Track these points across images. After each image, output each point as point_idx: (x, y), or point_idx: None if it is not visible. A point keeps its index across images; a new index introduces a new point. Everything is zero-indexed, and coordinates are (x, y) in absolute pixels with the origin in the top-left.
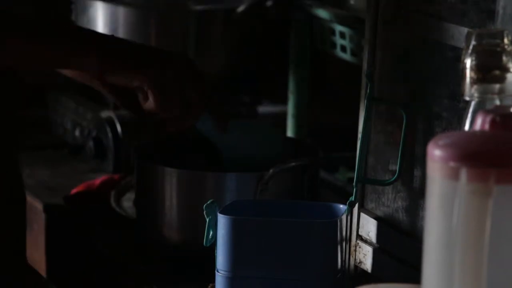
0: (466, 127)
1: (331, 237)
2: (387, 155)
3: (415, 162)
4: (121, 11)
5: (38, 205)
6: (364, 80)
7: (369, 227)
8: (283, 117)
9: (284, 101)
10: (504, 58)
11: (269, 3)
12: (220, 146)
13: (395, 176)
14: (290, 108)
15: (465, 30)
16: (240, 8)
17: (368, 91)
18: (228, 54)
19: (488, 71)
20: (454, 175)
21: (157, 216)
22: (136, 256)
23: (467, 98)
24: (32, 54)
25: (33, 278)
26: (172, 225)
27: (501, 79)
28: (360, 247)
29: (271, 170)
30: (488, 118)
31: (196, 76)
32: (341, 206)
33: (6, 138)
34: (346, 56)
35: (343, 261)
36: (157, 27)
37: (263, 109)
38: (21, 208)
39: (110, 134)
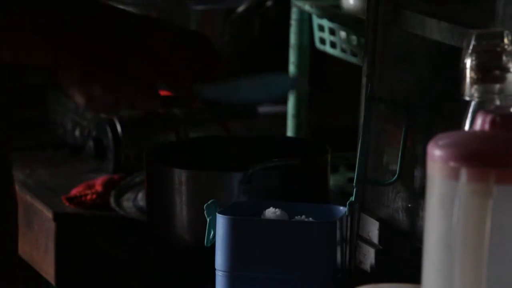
0: (466, 127)
1: (331, 237)
2: (387, 155)
3: (415, 162)
4: None
5: (38, 205)
6: (364, 80)
7: (369, 227)
8: (283, 117)
9: (284, 101)
10: (504, 58)
11: (269, 3)
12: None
13: (395, 176)
14: (290, 108)
15: (465, 30)
16: (240, 8)
17: (368, 91)
18: (228, 54)
19: (488, 71)
20: (454, 175)
21: (165, 217)
22: (136, 256)
23: (467, 98)
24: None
25: (31, 277)
26: (178, 225)
27: (501, 79)
28: (360, 247)
29: (250, 170)
30: (488, 118)
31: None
32: (341, 207)
33: (4, 137)
34: (346, 56)
35: (343, 261)
36: None
37: (263, 109)
38: (12, 209)
39: (110, 134)
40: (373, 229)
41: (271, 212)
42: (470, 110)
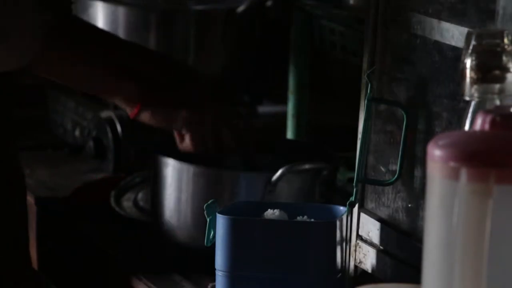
0: (466, 127)
1: (331, 237)
2: (387, 155)
3: (415, 162)
4: (121, 11)
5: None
6: (364, 80)
7: (369, 227)
8: (283, 117)
9: (284, 101)
10: (504, 58)
11: (269, 3)
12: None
13: (395, 176)
14: (290, 108)
15: (465, 30)
16: (240, 8)
17: (368, 91)
18: (228, 54)
19: (488, 71)
20: (454, 175)
21: (165, 214)
22: (136, 256)
23: (467, 98)
24: (73, 75)
25: (32, 277)
26: (176, 224)
27: (501, 79)
28: (360, 247)
29: (279, 172)
30: (488, 118)
31: (231, 113)
32: (341, 207)
33: (6, 137)
34: (346, 56)
35: (343, 261)
36: (157, 27)
37: (263, 109)
38: (22, 207)
39: (110, 134)
40: (373, 229)
41: (270, 213)
42: (470, 110)
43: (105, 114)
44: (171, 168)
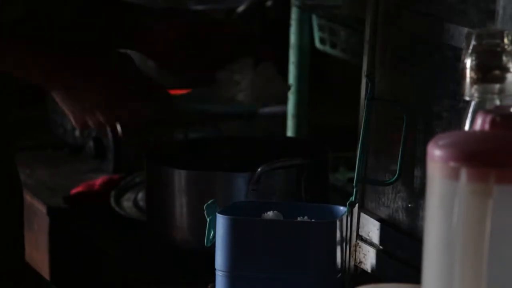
0: (466, 127)
1: (331, 237)
2: (387, 155)
3: (415, 162)
4: None
5: (38, 205)
6: (364, 80)
7: (369, 227)
8: (283, 117)
9: (284, 101)
10: (504, 58)
11: (269, 3)
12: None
13: (395, 176)
14: (290, 108)
15: (465, 30)
16: (240, 8)
17: (368, 91)
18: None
19: (488, 71)
20: (454, 175)
21: (165, 217)
22: (136, 256)
23: (467, 98)
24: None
25: (32, 278)
26: (176, 225)
27: (501, 79)
28: (360, 247)
29: (258, 170)
30: (488, 118)
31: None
32: (341, 207)
33: (3, 137)
34: (346, 56)
35: (343, 261)
36: None
37: (263, 109)
38: (19, 207)
39: (110, 134)
40: (373, 229)
41: (266, 214)
42: (470, 110)
43: None
44: (160, 172)
